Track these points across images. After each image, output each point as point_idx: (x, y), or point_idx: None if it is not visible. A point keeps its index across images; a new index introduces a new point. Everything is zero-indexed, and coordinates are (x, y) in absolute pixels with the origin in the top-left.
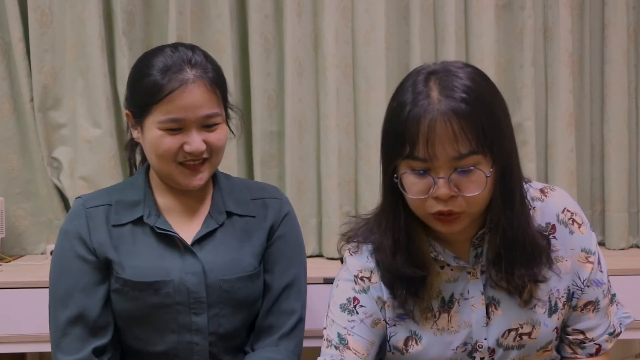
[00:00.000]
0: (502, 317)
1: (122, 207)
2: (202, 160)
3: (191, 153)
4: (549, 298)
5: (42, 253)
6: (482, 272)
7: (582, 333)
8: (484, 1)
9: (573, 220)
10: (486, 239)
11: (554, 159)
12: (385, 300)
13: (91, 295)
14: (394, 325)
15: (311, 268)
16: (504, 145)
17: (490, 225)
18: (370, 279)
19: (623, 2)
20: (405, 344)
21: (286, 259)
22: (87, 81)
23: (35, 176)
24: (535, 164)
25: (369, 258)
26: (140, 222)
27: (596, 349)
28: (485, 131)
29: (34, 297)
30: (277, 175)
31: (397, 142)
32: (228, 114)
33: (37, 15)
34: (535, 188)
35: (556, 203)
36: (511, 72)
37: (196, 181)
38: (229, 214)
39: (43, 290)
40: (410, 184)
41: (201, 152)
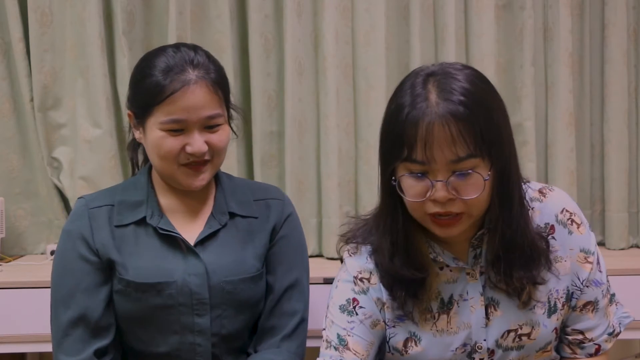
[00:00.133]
0: (501, 318)
1: (125, 208)
2: (204, 160)
3: (193, 154)
4: (548, 299)
5: (42, 253)
6: (481, 273)
7: (582, 333)
8: (484, 1)
9: (572, 220)
10: (485, 240)
11: (554, 159)
12: (384, 301)
13: (93, 296)
14: (394, 326)
15: (311, 268)
16: (503, 148)
17: (489, 226)
18: (369, 280)
19: (623, 2)
20: (404, 345)
21: (288, 260)
22: (87, 81)
23: (35, 176)
24: (535, 164)
25: (368, 259)
26: (143, 223)
27: (595, 349)
28: (483, 134)
29: (34, 297)
30: (277, 175)
31: (395, 145)
32: (230, 115)
33: (37, 15)
34: (533, 189)
35: (555, 203)
36: (511, 72)
37: (198, 181)
38: (232, 215)
39: (43, 290)
40: (408, 187)
41: (203, 153)
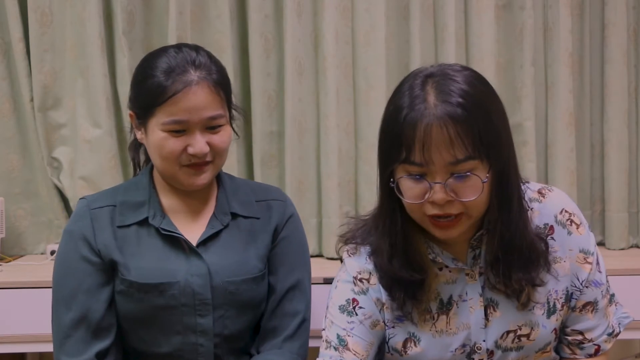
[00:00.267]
0: (501, 319)
1: (127, 208)
2: (206, 161)
3: (195, 155)
4: (548, 299)
5: (42, 253)
6: (481, 274)
7: (581, 334)
8: (484, 1)
9: (571, 221)
10: (484, 240)
11: (554, 159)
12: (384, 301)
13: (95, 296)
14: (393, 327)
15: (311, 268)
16: (501, 150)
17: (488, 227)
18: (369, 281)
19: (623, 2)
20: (404, 346)
21: (290, 261)
22: (87, 81)
23: (35, 176)
24: (535, 164)
25: (368, 260)
26: (145, 223)
27: (595, 350)
28: (481, 136)
29: (34, 297)
30: (277, 175)
31: (394, 147)
32: (232, 115)
33: (37, 15)
34: (533, 189)
35: (554, 204)
36: (511, 72)
37: (199, 181)
38: (234, 215)
39: (43, 290)
40: (406, 189)
41: (205, 154)
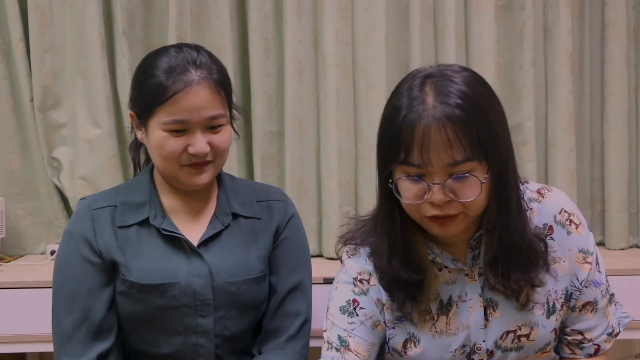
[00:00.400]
0: (500, 319)
1: (128, 209)
2: (206, 161)
3: (195, 155)
4: (547, 299)
5: (42, 253)
6: (480, 274)
7: (581, 333)
8: (484, 1)
9: (570, 220)
10: (483, 241)
11: (554, 159)
12: (384, 302)
13: (96, 297)
14: (393, 327)
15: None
16: (500, 151)
17: (487, 227)
18: (369, 282)
19: (623, 2)
20: (404, 347)
21: (291, 262)
22: (87, 81)
23: (35, 176)
24: (535, 164)
25: (367, 260)
26: (145, 224)
27: (595, 350)
28: (480, 137)
29: (34, 297)
30: (277, 175)
31: (392, 148)
32: (232, 115)
33: (37, 15)
34: (532, 189)
35: (553, 204)
36: (511, 72)
37: (200, 180)
38: (235, 216)
39: (43, 290)
40: (405, 189)
41: (205, 154)
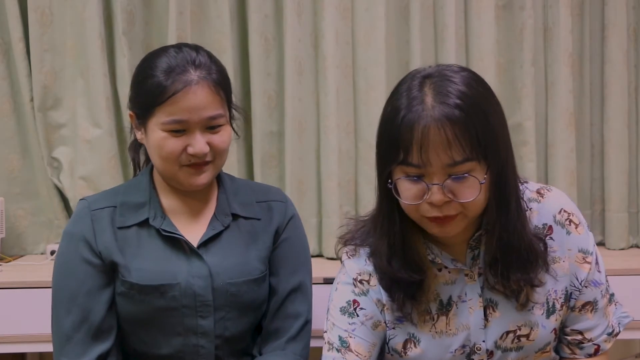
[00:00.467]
0: (500, 319)
1: (127, 209)
2: (206, 162)
3: (195, 155)
4: (547, 299)
5: (42, 253)
6: (480, 275)
7: (581, 333)
8: (484, 1)
9: (570, 220)
10: (483, 241)
11: (554, 159)
12: (384, 303)
13: (95, 298)
14: (393, 328)
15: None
16: (499, 151)
17: (486, 227)
18: (369, 282)
19: (623, 2)
20: (404, 347)
21: (292, 262)
22: (87, 81)
23: (35, 176)
24: (535, 164)
25: (367, 261)
26: (145, 224)
27: (595, 349)
28: (479, 138)
29: (34, 297)
30: (277, 175)
31: (392, 148)
32: (232, 115)
33: (37, 15)
34: (531, 189)
35: (553, 204)
36: (511, 72)
37: (199, 180)
38: (235, 216)
39: (43, 290)
40: (404, 190)
41: (205, 154)
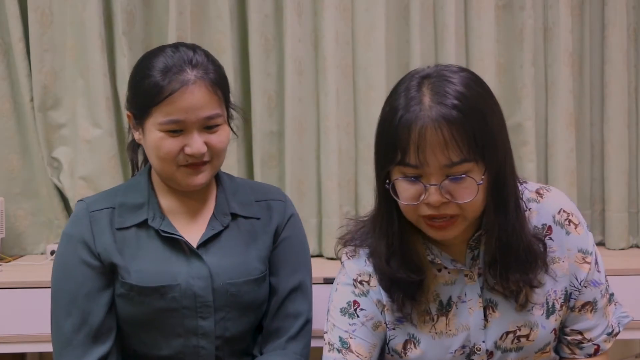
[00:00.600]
0: (500, 320)
1: (126, 210)
2: (203, 161)
3: (192, 155)
4: (546, 300)
5: (42, 253)
6: (479, 275)
7: (580, 333)
8: (484, 1)
9: (569, 220)
10: (482, 241)
11: (554, 159)
12: (384, 303)
13: (95, 300)
14: (393, 328)
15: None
16: (497, 152)
17: (485, 228)
18: (369, 283)
19: (623, 2)
20: (404, 348)
21: (292, 262)
22: (87, 81)
23: (35, 176)
24: (535, 164)
25: (367, 262)
26: (144, 225)
27: (595, 349)
28: (477, 138)
29: (34, 297)
30: (277, 175)
31: (389, 148)
32: (230, 115)
33: (37, 15)
34: (530, 189)
35: (552, 204)
36: (511, 72)
37: (197, 180)
38: (234, 216)
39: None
40: (402, 190)
41: (202, 154)
